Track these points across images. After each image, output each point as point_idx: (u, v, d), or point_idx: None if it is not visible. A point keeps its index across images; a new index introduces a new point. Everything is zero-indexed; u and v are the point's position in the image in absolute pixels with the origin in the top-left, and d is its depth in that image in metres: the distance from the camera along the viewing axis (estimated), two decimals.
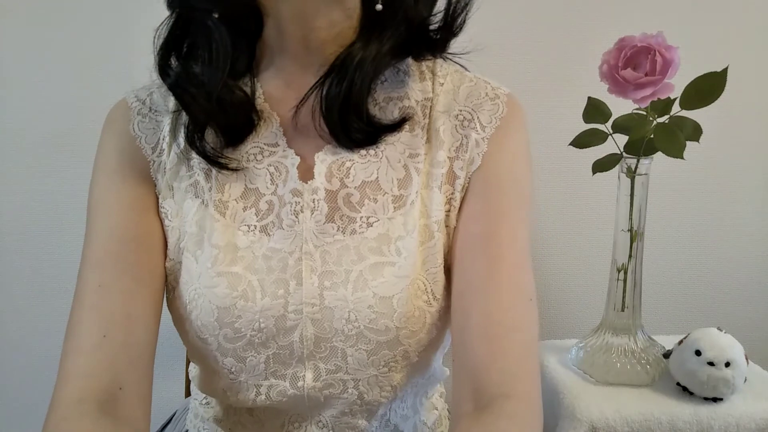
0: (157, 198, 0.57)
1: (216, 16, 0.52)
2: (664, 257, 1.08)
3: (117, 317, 0.51)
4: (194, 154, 0.55)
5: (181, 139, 0.56)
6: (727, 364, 0.73)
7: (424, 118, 0.57)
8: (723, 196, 1.07)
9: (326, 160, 0.54)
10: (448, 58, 0.59)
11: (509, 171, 0.57)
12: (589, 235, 1.07)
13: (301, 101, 0.54)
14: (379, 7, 0.52)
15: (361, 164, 0.55)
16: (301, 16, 0.52)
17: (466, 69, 0.60)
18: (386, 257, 0.53)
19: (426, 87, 0.58)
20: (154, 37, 0.54)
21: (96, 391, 0.48)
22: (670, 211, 1.07)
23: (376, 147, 0.55)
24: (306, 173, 0.55)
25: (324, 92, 0.53)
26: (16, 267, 1.04)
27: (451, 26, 0.55)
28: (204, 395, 0.64)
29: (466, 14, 0.55)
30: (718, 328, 0.77)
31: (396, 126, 0.54)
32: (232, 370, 0.55)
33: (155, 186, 0.57)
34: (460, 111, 0.57)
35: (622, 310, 0.80)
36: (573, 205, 1.06)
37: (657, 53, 0.68)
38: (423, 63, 0.59)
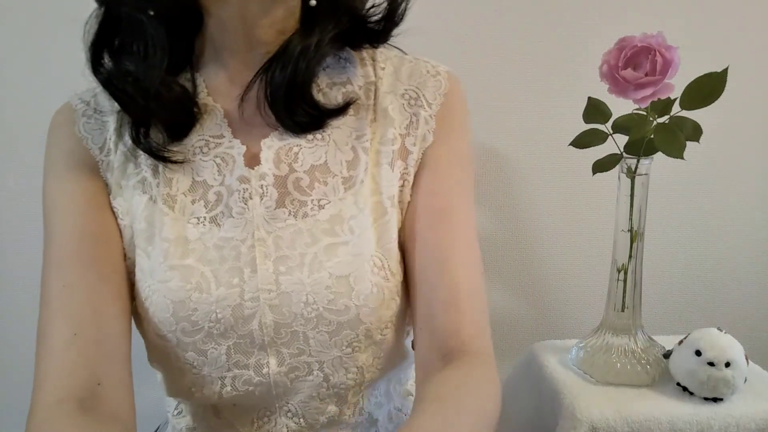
0: (109, 196, 0.57)
1: (151, 13, 0.52)
2: (664, 257, 1.08)
3: (85, 314, 0.51)
4: (141, 151, 0.55)
5: (128, 138, 0.56)
6: (728, 365, 0.73)
7: (368, 100, 0.58)
8: (723, 197, 1.07)
9: (273, 146, 0.55)
10: (390, 45, 0.61)
11: (459, 147, 0.59)
12: (589, 235, 1.07)
13: (245, 90, 0.54)
14: (312, 2, 0.53)
15: (308, 149, 0.55)
16: (244, 17, 0.53)
17: (404, 53, 0.62)
18: (340, 237, 0.53)
19: (368, 72, 0.59)
20: (84, 32, 0.54)
21: (74, 390, 0.48)
22: (670, 211, 1.07)
23: (323, 131, 0.56)
24: (253, 160, 0.55)
25: (268, 79, 0.54)
26: (17, 267, 1.04)
27: (392, 16, 0.57)
28: (176, 404, 0.64)
29: (407, 4, 0.58)
30: (718, 329, 0.77)
31: (341, 110, 0.56)
32: (195, 364, 0.55)
33: (106, 185, 0.57)
34: (406, 90, 0.59)
35: (622, 310, 0.80)
36: (573, 205, 1.06)
37: (657, 53, 0.68)
38: (363, 51, 0.61)
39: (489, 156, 1.03)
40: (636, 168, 0.76)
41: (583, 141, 0.79)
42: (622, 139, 0.77)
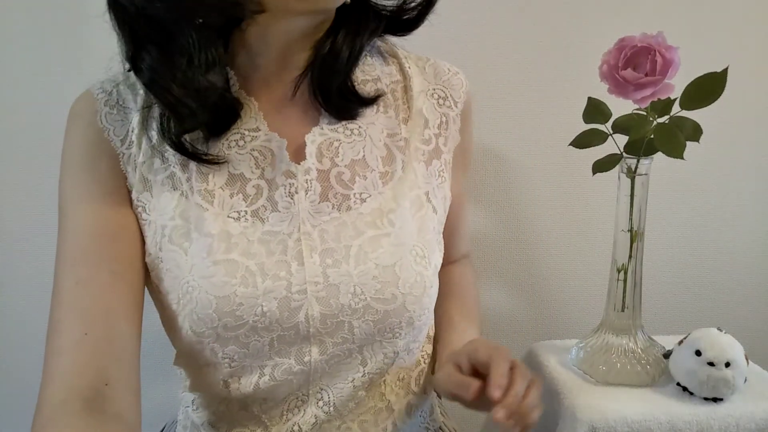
0: (129, 191, 0.56)
1: (200, 21, 0.51)
2: (664, 257, 1.08)
3: (97, 313, 0.51)
4: (167, 146, 0.54)
5: (153, 132, 0.55)
6: (727, 365, 0.73)
7: (395, 101, 0.60)
8: (723, 197, 1.07)
9: (316, 140, 0.56)
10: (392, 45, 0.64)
11: (471, 145, 0.67)
12: (589, 235, 1.07)
13: (299, 80, 0.56)
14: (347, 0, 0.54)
15: (348, 143, 0.57)
16: (288, 39, 0.54)
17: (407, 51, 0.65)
18: (381, 229, 0.55)
19: (391, 71, 0.62)
20: (118, 27, 0.52)
21: (81, 389, 0.48)
22: (670, 211, 1.07)
23: (359, 127, 0.58)
24: (295, 155, 0.56)
25: (316, 71, 0.55)
26: (17, 267, 1.04)
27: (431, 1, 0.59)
28: (193, 399, 0.63)
29: None
30: (718, 328, 0.77)
31: (373, 100, 0.58)
32: (235, 357, 0.55)
33: (126, 179, 0.56)
34: (434, 89, 0.61)
35: (622, 310, 0.80)
36: (573, 205, 1.06)
37: (657, 53, 0.68)
38: (380, 45, 0.63)
39: (489, 156, 1.03)
40: (636, 168, 0.76)
41: (583, 141, 0.79)
42: (622, 139, 0.76)
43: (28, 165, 1.01)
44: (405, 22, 0.60)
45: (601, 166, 0.78)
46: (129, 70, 0.54)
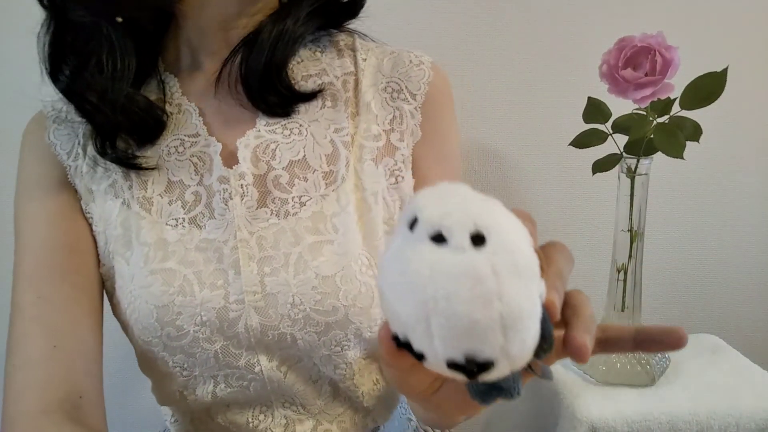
0: (80, 203, 0.56)
1: (119, 20, 0.51)
2: (664, 257, 1.08)
3: (64, 327, 0.51)
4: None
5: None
6: (478, 240, 0.25)
7: (346, 93, 0.57)
8: (723, 196, 1.07)
9: (249, 144, 0.53)
10: (368, 38, 0.60)
11: (446, 144, 0.59)
12: (589, 235, 1.07)
13: (218, 77, 0.53)
14: None
15: (285, 144, 0.54)
16: (222, 20, 0.53)
17: (385, 45, 0.61)
18: (323, 235, 0.52)
19: (345, 63, 0.58)
20: (39, 41, 0.52)
21: (60, 402, 0.48)
22: (670, 211, 1.07)
23: (300, 125, 0.55)
24: (230, 159, 0.53)
25: (243, 61, 0.52)
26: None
27: None
28: (171, 412, 0.63)
29: None
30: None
31: (312, 96, 0.54)
32: (185, 366, 0.54)
33: (76, 192, 0.56)
34: (388, 83, 0.57)
35: (622, 310, 0.80)
36: (573, 205, 1.06)
37: (657, 53, 0.68)
38: (340, 41, 0.60)
39: (489, 156, 1.03)
40: (636, 168, 0.76)
41: (583, 141, 0.79)
42: (621, 139, 0.77)
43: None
44: (343, 7, 0.57)
45: (601, 166, 0.78)
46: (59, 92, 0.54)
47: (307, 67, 0.57)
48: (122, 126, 0.52)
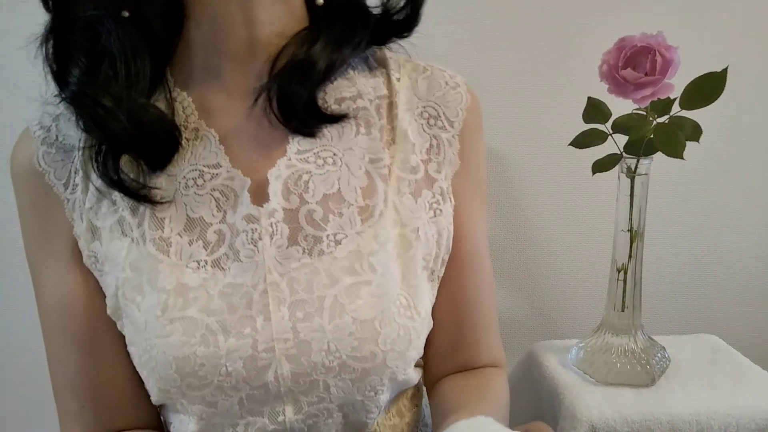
0: (78, 242, 0.50)
1: (126, 15, 0.47)
2: (664, 257, 1.08)
3: (84, 391, 0.52)
4: (108, 185, 0.48)
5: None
6: None
7: (380, 119, 0.52)
8: (723, 197, 1.07)
9: (281, 175, 0.49)
10: (394, 45, 0.56)
11: (480, 172, 0.57)
12: (589, 235, 1.07)
13: (260, 91, 0.48)
14: (320, 1, 0.50)
15: (319, 176, 0.49)
16: (245, 15, 0.47)
17: (409, 56, 0.57)
18: (361, 276, 0.48)
19: (378, 84, 0.54)
20: (41, 45, 0.47)
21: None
22: (670, 211, 1.07)
23: (334, 154, 0.50)
24: (259, 193, 0.49)
25: (283, 86, 0.48)
26: (18, 267, 1.04)
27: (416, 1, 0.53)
28: None
29: None
30: None
31: (337, 118, 0.50)
32: (202, 416, 0.49)
33: (72, 228, 0.50)
34: (425, 107, 0.53)
35: (622, 310, 0.80)
36: (573, 205, 1.06)
37: (657, 53, 0.68)
38: (369, 55, 0.55)
39: (489, 156, 1.03)
40: (636, 168, 0.76)
41: (582, 141, 0.79)
42: (621, 139, 0.77)
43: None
44: (395, 24, 0.53)
45: (601, 166, 0.78)
46: (56, 95, 0.49)
47: (340, 89, 0.52)
48: (133, 140, 0.47)
